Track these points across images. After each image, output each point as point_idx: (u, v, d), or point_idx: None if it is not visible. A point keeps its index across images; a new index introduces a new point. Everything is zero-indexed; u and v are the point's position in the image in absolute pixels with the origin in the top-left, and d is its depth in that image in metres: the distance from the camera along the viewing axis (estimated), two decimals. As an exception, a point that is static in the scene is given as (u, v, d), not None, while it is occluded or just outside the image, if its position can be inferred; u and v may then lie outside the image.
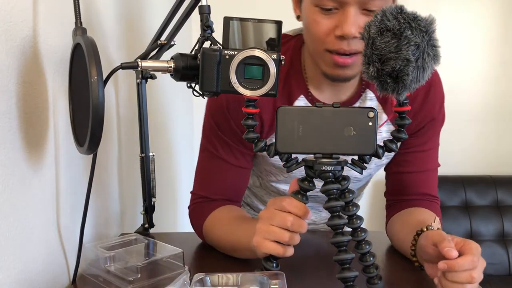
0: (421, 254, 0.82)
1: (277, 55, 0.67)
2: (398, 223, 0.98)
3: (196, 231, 1.01)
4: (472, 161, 2.50)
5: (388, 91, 0.66)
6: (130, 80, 1.27)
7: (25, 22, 0.70)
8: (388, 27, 0.63)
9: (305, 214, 0.74)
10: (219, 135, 0.97)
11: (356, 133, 0.68)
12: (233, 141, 0.96)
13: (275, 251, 0.74)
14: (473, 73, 2.48)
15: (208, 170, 1.00)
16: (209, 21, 0.74)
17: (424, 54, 0.63)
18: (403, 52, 0.62)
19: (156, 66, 0.71)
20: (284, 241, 0.74)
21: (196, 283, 0.69)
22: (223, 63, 0.68)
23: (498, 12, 2.44)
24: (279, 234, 0.74)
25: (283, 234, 0.73)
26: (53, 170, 0.80)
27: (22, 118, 0.69)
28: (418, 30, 0.62)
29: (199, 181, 1.03)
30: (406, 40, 0.62)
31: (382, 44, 0.63)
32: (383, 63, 0.63)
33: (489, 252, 2.30)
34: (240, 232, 0.88)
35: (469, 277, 0.70)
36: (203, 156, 1.02)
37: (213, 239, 0.97)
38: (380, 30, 0.63)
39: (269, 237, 0.74)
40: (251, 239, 0.78)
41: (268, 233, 0.74)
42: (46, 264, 0.78)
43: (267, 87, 0.68)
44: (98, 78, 0.62)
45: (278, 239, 0.74)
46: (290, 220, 0.73)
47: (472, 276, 0.70)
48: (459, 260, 0.70)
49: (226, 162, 0.98)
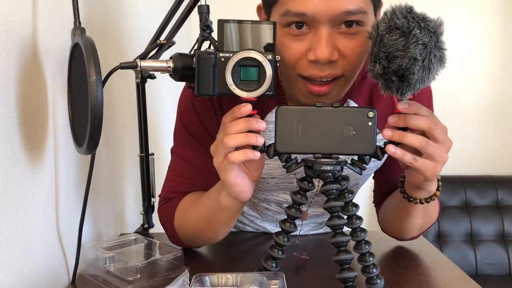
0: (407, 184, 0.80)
1: (273, 56, 0.67)
2: (382, 208, 0.98)
3: (170, 236, 0.94)
4: (472, 161, 2.50)
5: (393, 90, 0.66)
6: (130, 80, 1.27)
7: (25, 22, 0.70)
8: (397, 25, 0.63)
9: (246, 111, 0.68)
10: (189, 139, 0.92)
11: (355, 133, 0.68)
12: (204, 144, 0.89)
13: (241, 156, 0.69)
14: (473, 73, 2.48)
15: (178, 172, 0.95)
16: (208, 20, 0.74)
17: (431, 54, 0.63)
18: (411, 51, 0.62)
19: (155, 66, 0.71)
20: (243, 143, 0.69)
21: (195, 283, 0.69)
22: (219, 65, 0.68)
23: (499, 12, 2.45)
24: (234, 140, 0.68)
25: (237, 138, 0.68)
26: (53, 170, 0.80)
27: (22, 118, 0.69)
28: (427, 30, 0.63)
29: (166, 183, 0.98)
30: (414, 39, 0.62)
31: (390, 42, 0.63)
32: (389, 60, 0.63)
33: (489, 252, 2.31)
34: (206, 199, 0.85)
35: (428, 123, 0.68)
36: (172, 159, 0.97)
37: (188, 228, 0.90)
38: (389, 28, 0.63)
39: (227, 148, 0.69)
40: (216, 194, 0.76)
41: (224, 147, 0.69)
42: (45, 264, 0.78)
43: (264, 88, 0.68)
44: (96, 78, 0.62)
45: (237, 145, 0.69)
46: (236, 124, 0.68)
47: (431, 121, 0.68)
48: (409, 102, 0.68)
49: (195, 167, 0.92)
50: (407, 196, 0.80)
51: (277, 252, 0.75)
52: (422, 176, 0.72)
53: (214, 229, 0.87)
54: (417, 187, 0.77)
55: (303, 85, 0.76)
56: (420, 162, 0.69)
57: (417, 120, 0.68)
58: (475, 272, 2.30)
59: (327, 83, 0.75)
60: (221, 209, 0.80)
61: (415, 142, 0.68)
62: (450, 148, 0.71)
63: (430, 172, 0.70)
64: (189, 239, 0.93)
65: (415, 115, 0.69)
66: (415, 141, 0.68)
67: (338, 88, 0.77)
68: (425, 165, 0.69)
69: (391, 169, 0.97)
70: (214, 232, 0.88)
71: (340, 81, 0.75)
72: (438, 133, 0.69)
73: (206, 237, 0.91)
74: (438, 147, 0.69)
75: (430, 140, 0.69)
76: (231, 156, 0.69)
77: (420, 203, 0.80)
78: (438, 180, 0.79)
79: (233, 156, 0.69)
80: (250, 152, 0.69)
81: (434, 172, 0.70)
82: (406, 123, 0.69)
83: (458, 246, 2.32)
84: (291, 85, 0.80)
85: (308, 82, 0.75)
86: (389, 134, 0.69)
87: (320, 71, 0.73)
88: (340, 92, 0.78)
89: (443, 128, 0.70)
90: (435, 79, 0.65)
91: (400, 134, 0.69)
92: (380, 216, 1.01)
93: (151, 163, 1.15)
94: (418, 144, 0.68)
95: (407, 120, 0.69)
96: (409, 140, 0.68)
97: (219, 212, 0.82)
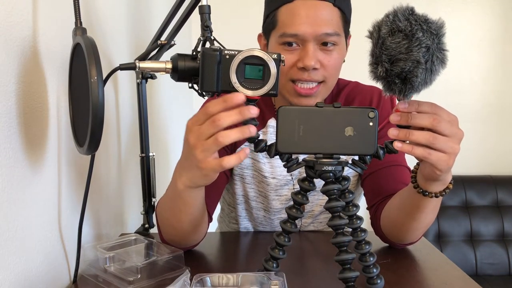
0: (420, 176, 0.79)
1: (278, 55, 0.67)
2: (386, 209, 0.97)
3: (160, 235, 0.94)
4: (472, 161, 2.50)
5: (395, 92, 0.65)
6: (130, 80, 1.27)
7: (25, 22, 0.70)
8: (400, 27, 0.62)
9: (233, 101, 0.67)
10: None
11: (356, 133, 0.68)
12: None
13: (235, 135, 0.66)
14: (473, 73, 2.48)
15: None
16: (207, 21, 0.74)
17: (433, 56, 0.63)
18: (414, 54, 0.62)
19: (154, 67, 0.71)
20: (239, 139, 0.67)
21: (196, 283, 0.69)
22: (223, 63, 0.67)
23: (498, 12, 2.45)
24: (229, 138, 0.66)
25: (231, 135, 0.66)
26: (53, 170, 0.80)
27: (22, 118, 0.69)
28: (429, 32, 0.62)
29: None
30: (418, 42, 0.62)
31: (393, 45, 0.63)
32: (392, 63, 0.63)
33: (489, 252, 2.31)
34: (168, 188, 0.85)
35: (430, 120, 0.67)
36: None
37: (161, 221, 0.91)
38: (392, 31, 0.63)
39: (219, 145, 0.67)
40: (174, 180, 0.76)
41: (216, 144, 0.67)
42: (46, 264, 0.78)
43: (268, 87, 0.68)
44: (98, 78, 0.62)
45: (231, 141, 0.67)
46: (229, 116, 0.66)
47: (433, 118, 0.67)
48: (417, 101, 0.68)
49: None
50: (422, 191, 0.80)
51: (278, 252, 0.75)
52: (436, 170, 0.71)
53: (177, 218, 0.85)
54: (433, 180, 0.76)
55: (292, 88, 0.95)
56: (434, 156, 0.69)
57: (418, 119, 0.68)
58: (475, 272, 2.30)
59: (312, 87, 0.95)
60: (178, 195, 0.78)
61: (422, 139, 0.68)
62: (461, 138, 0.70)
63: (444, 165, 0.70)
64: (166, 234, 0.92)
65: (417, 113, 0.69)
66: (422, 138, 0.68)
67: (320, 92, 0.96)
68: (438, 158, 0.69)
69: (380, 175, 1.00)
70: (178, 222, 0.86)
71: (321, 86, 0.96)
72: (444, 127, 0.68)
73: (174, 229, 0.89)
74: (447, 140, 0.68)
75: (438, 135, 0.68)
76: (220, 136, 0.66)
77: (435, 196, 0.79)
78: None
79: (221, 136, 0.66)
80: (247, 128, 0.67)
81: (448, 165, 0.70)
82: (407, 122, 0.69)
83: (458, 246, 2.32)
84: (281, 91, 0.97)
85: (296, 85, 0.95)
86: (395, 133, 0.69)
87: (307, 76, 0.93)
88: (322, 95, 0.97)
89: (450, 120, 0.69)
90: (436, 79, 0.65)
91: (406, 133, 0.69)
92: (384, 219, 0.98)
93: (151, 163, 1.15)
94: (425, 140, 0.68)
95: (409, 120, 0.68)
96: (416, 137, 0.68)
97: (177, 199, 0.80)
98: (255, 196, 1.12)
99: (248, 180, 1.11)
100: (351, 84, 1.12)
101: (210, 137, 0.67)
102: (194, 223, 0.87)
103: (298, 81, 0.94)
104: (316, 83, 0.94)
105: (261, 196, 1.11)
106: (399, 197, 0.93)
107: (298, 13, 0.91)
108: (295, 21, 0.91)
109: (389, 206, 0.97)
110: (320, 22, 0.91)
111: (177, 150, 2.13)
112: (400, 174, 1.02)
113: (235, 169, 1.10)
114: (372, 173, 1.03)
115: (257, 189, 1.11)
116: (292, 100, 0.97)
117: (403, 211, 0.90)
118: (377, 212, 1.01)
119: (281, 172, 1.08)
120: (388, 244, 1.00)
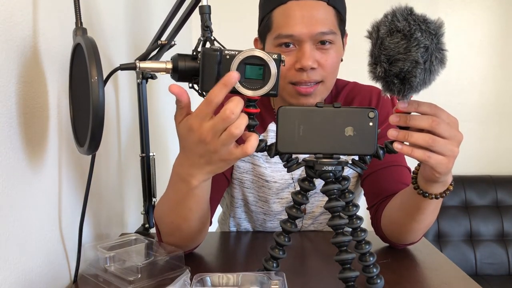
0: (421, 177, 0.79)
1: (278, 55, 0.67)
2: (386, 210, 0.97)
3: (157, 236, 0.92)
4: (472, 161, 2.50)
5: (394, 92, 0.65)
6: (131, 80, 1.27)
7: (25, 22, 0.70)
8: (398, 28, 0.62)
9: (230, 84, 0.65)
10: None
11: (356, 133, 0.68)
12: None
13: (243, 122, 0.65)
14: (473, 73, 2.48)
15: None
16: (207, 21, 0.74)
17: (432, 57, 0.63)
18: (412, 54, 0.62)
19: (154, 67, 0.71)
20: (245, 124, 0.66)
21: (196, 283, 0.69)
22: (224, 63, 0.67)
23: (498, 12, 2.45)
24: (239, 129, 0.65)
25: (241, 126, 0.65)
26: (53, 170, 0.80)
27: (22, 118, 0.69)
28: (428, 32, 0.62)
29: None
30: (416, 42, 0.62)
31: (392, 45, 0.63)
32: (391, 63, 0.63)
33: (489, 252, 2.31)
34: (169, 189, 0.82)
35: (429, 121, 0.67)
36: None
37: (162, 223, 0.88)
38: (390, 31, 0.63)
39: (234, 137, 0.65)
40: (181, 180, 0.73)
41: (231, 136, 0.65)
42: (46, 264, 0.78)
43: (268, 87, 0.68)
44: (98, 78, 0.62)
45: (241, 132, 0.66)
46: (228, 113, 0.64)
47: (432, 120, 0.67)
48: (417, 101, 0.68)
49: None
50: (422, 192, 0.79)
51: (278, 252, 0.75)
52: (436, 173, 0.72)
53: (184, 218, 0.82)
54: (433, 181, 0.76)
55: (292, 89, 0.96)
56: (433, 158, 0.69)
57: (417, 120, 0.68)
58: (475, 272, 2.30)
59: (311, 86, 0.95)
60: (189, 194, 0.76)
61: (421, 141, 0.68)
62: (460, 141, 0.70)
63: (443, 168, 0.70)
64: (170, 237, 0.89)
65: (416, 114, 0.69)
66: (421, 140, 0.68)
67: (319, 92, 0.96)
68: (438, 161, 0.69)
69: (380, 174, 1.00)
70: (186, 221, 0.83)
71: (320, 85, 0.96)
72: (443, 129, 0.68)
73: (180, 231, 0.86)
74: (446, 142, 0.68)
75: (437, 137, 0.68)
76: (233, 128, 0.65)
77: (435, 198, 0.79)
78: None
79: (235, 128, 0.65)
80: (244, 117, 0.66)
81: (447, 168, 0.70)
82: (406, 123, 0.69)
83: (458, 246, 2.33)
84: (281, 93, 0.97)
85: (296, 86, 0.95)
86: (394, 134, 0.69)
87: (305, 76, 0.93)
88: (321, 95, 0.97)
89: (450, 122, 0.69)
90: (436, 79, 0.65)
91: (405, 134, 0.69)
92: (384, 219, 0.98)
93: (151, 163, 1.15)
94: (424, 142, 0.68)
95: (408, 121, 0.68)
96: (415, 139, 0.68)
97: (186, 199, 0.78)
98: (255, 200, 1.12)
99: (247, 185, 1.10)
100: (350, 84, 1.12)
101: (223, 132, 0.66)
102: (202, 220, 0.84)
103: (298, 84, 0.94)
104: (313, 83, 0.95)
105: (261, 201, 1.11)
106: (399, 198, 0.93)
107: (292, 14, 0.91)
108: (290, 21, 0.91)
109: (390, 206, 0.97)
110: (315, 21, 0.91)
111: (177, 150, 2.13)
112: (400, 174, 1.02)
113: (234, 172, 1.09)
114: (372, 173, 1.03)
115: (257, 194, 1.11)
116: (291, 101, 0.97)
117: (404, 212, 0.90)
118: (377, 212, 1.01)
119: (283, 176, 1.08)
120: (388, 244, 1.00)
